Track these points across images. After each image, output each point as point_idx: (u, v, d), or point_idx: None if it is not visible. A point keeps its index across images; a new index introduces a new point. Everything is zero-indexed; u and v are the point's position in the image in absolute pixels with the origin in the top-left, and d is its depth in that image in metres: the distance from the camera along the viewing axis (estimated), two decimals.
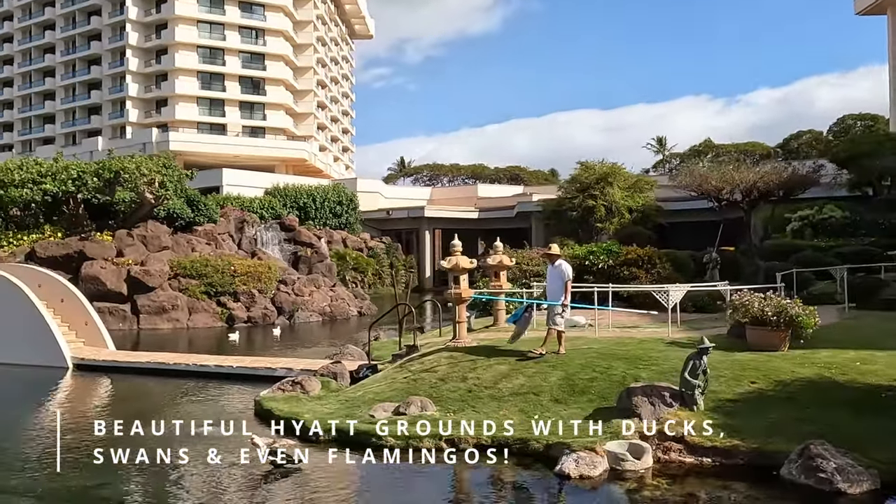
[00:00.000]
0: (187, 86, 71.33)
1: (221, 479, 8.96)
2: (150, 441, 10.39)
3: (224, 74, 72.96)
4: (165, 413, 12.99)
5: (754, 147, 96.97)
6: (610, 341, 13.17)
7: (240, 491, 8.55)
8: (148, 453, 9.79)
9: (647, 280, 21.19)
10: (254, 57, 74.35)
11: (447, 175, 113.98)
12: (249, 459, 9.38)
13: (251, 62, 74.24)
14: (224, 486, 8.74)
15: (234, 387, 15.52)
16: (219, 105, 73.29)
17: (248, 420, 11.97)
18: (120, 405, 14.24)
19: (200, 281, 30.16)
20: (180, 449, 10.04)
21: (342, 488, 8.82)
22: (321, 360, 16.83)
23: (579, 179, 40.67)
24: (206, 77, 72.65)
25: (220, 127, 72.68)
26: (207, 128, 72.24)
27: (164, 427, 10.82)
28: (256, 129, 74.60)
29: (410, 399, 10.78)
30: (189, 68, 71.32)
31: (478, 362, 12.01)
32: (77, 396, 15.64)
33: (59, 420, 12.14)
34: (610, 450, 8.79)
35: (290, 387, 12.52)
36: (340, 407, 11.42)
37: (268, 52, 74.34)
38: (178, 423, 10.98)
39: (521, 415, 10.24)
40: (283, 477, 8.93)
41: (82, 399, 15.31)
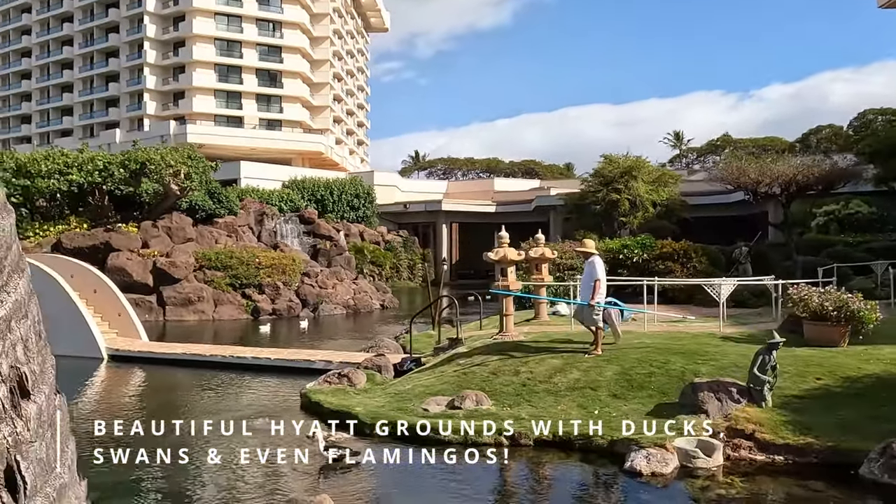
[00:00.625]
0: (205, 78, 71.30)
1: (280, 477, 8.77)
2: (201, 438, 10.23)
3: (241, 67, 72.88)
4: (210, 407, 12.87)
5: (773, 142, 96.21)
6: (660, 336, 12.93)
7: (303, 489, 8.35)
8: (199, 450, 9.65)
9: (682, 274, 20.90)
10: (271, 49, 74.24)
11: (461, 169, 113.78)
12: (307, 455, 9.19)
13: (268, 55, 74.14)
14: (285, 483, 8.55)
15: (272, 379, 15.35)
16: (236, 97, 73.24)
17: (295, 413, 11.81)
18: (160, 397, 14.11)
19: (225, 273, 30.07)
20: (232, 445, 9.88)
21: (406, 484, 8.62)
22: (358, 353, 16.68)
23: (602, 173, 40.29)
24: (223, 69, 72.59)
25: (237, 119, 72.65)
26: (224, 120, 72.21)
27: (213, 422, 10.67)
28: (273, 121, 74.54)
29: (465, 393, 10.58)
30: (206, 61, 71.28)
31: (529, 356, 11.79)
32: (114, 388, 15.53)
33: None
34: (680, 446, 8.56)
35: (336, 379, 12.34)
36: (391, 400, 11.23)
37: (285, 44, 74.23)
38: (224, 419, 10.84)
39: (579, 410, 10.02)
40: (344, 473, 8.74)
41: (121, 391, 15.20)
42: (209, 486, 8.42)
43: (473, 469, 8.96)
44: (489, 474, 8.85)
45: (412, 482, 8.67)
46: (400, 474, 8.87)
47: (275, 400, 13.34)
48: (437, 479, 8.77)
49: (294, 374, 15.56)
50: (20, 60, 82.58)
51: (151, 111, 72.21)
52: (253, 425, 10.81)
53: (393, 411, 10.58)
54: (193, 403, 13.27)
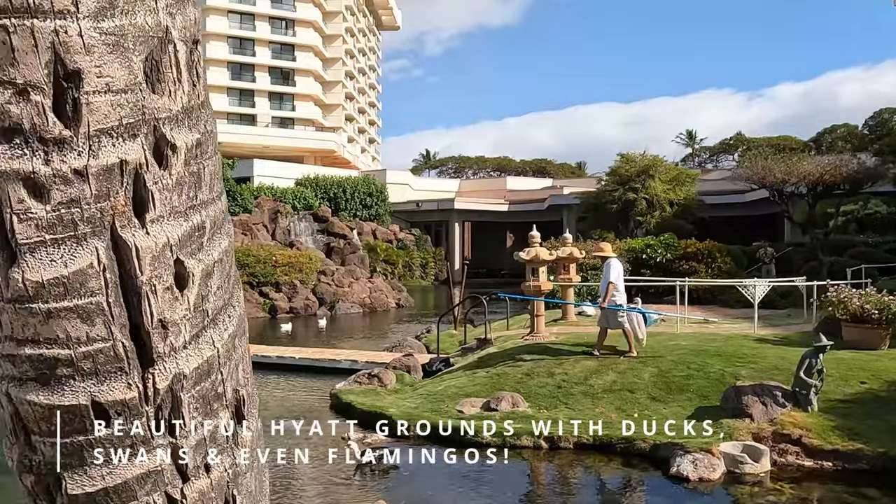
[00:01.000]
0: (217, 76, 71.28)
1: (321, 480, 8.64)
2: None
3: (254, 65, 72.89)
4: None
5: (787, 141, 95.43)
6: (694, 337, 12.74)
7: (351, 494, 8.22)
8: None
9: (706, 275, 20.67)
10: (283, 48, 74.23)
11: (472, 167, 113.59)
12: (347, 456, 9.06)
13: (281, 53, 74.13)
14: (327, 487, 8.42)
15: (297, 379, 15.24)
16: (248, 95, 73.29)
17: (326, 414, 11.70)
18: None
19: (243, 271, 29.97)
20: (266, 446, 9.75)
21: (445, 487, 8.48)
22: (384, 353, 16.58)
23: (619, 172, 40.07)
24: (236, 67, 72.61)
25: (250, 118, 72.67)
26: (237, 118, 72.25)
27: None
28: (285, 119, 74.56)
29: (500, 394, 10.43)
30: (219, 58, 71.29)
31: (562, 357, 11.63)
32: None
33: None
34: (726, 451, 8.39)
35: (366, 379, 12.21)
36: (424, 401, 11.08)
37: (297, 42, 74.19)
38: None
39: (618, 413, 9.85)
40: (382, 476, 8.61)
41: None
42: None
43: (513, 472, 8.84)
44: (529, 478, 8.72)
45: (453, 485, 8.53)
46: (440, 477, 8.73)
47: (303, 400, 13.22)
48: (477, 481, 8.62)
49: (319, 373, 15.46)
50: None
51: None
52: (285, 426, 10.68)
53: (427, 413, 10.45)
54: None
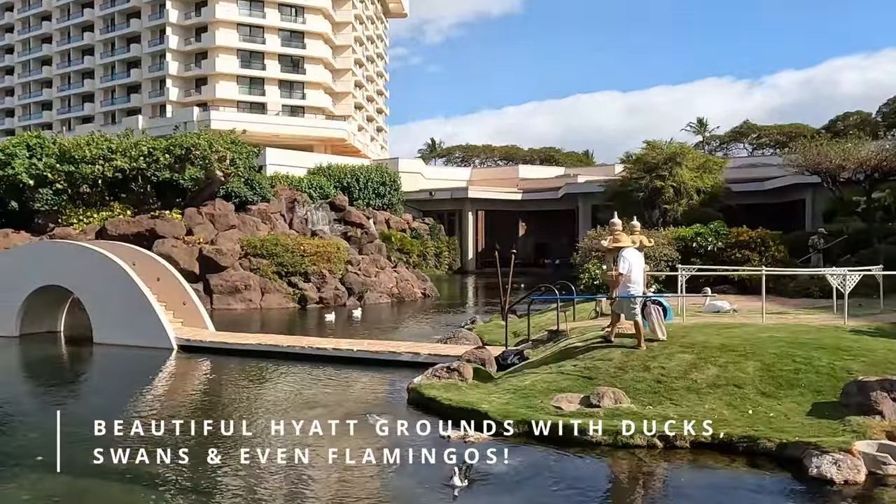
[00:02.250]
0: (227, 64, 70.60)
1: (422, 481, 8.10)
2: (314, 437, 9.56)
3: (264, 53, 72.13)
4: (306, 402, 12.25)
5: (798, 129, 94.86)
6: (784, 329, 12.23)
7: (461, 496, 7.71)
8: (317, 449, 9.01)
9: (760, 263, 20.15)
10: (293, 35, 73.42)
11: (479, 156, 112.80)
12: (440, 456, 8.55)
13: (291, 40, 73.32)
14: (431, 490, 7.90)
15: (356, 372, 14.74)
16: (259, 84, 72.55)
17: (405, 410, 11.21)
18: (250, 392, 13.50)
19: (271, 261, 29.51)
20: (351, 445, 9.25)
21: (564, 490, 7.99)
22: (443, 345, 16.08)
23: (645, 159, 39.47)
24: (245, 55, 71.85)
25: (260, 106, 71.92)
26: (247, 107, 71.49)
27: (319, 419, 10.05)
28: (295, 108, 73.83)
29: (600, 390, 9.94)
30: (229, 46, 70.55)
31: (654, 350, 11.12)
32: (196, 381, 14.96)
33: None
34: (865, 451, 7.90)
35: (445, 373, 11.72)
36: (514, 397, 10.59)
37: (307, 30, 73.39)
38: (329, 416, 10.20)
39: (731, 410, 9.38)
40: (489, 478, 8.09)
41: (204, 385, 14.63)
42: (353, 498, 7.78)
43: (632, 473, 8.34)
44: (653, 480, 8.21)
45: (571, 488, 8.02)
46: (553, 478, 8.23)
47: (373, 395, 12.75)
48: (595, 484, 8.14)
49: (378, 366, 14.98)
50: (41, 47, 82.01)
51: (174, 97, 71.57)
52: (366, 423, 10.18)
53: (522, 409, 9.95)
54: (287, 399, 12.65)
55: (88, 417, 9.94)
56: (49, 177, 28.90)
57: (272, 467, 8.42)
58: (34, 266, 18.80)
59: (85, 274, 18.24)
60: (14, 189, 28.94)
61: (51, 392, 14.06)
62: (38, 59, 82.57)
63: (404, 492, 7.81)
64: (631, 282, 11.38)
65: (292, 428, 9.75)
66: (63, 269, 18.52)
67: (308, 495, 7.78)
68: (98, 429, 9.16)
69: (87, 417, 10.08)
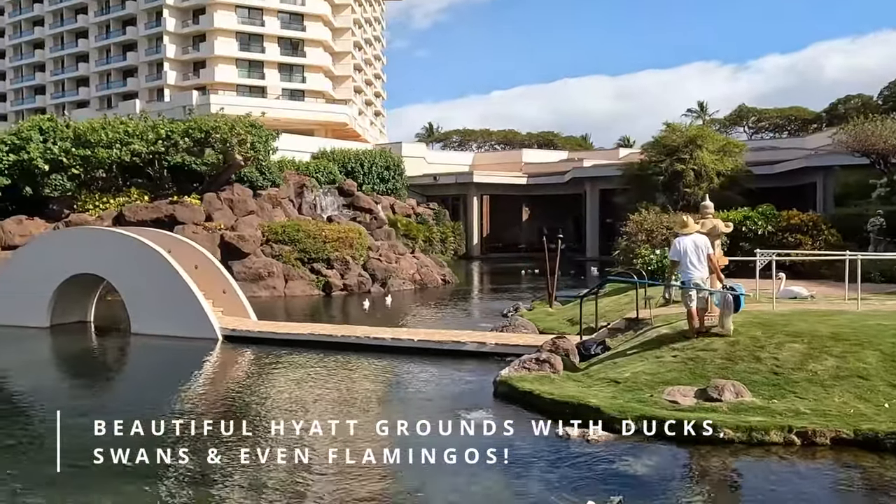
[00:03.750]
0: (226, 47, 69.31)
1: (549, 483, 7.51)
2: (410, 436, 8.92)
3: (263, 35, 70.89)
4: (383, 397, 11.59)
5: (799, 112, 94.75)
6: (883, 316, 11.68)
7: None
8: (416, 449, 8.36)
9: (813, 247, 19.67)
10: (292, 17, 72.18)
11: (476, 140, 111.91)
12: (557, 457, 7.96)
13: (290, 22, 72.09)
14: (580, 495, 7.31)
15: (417, 363, 14.04)
16: (258, 67, 71.34)
17: (491, 403, 10.62)
18: (318, 386, 12.79)
19: (293, 247, 28.76)
20: (456, 446, 8.63)
21: (711, 494, 7.41)
22: (505, 333, 15.47)
23: (664, 142, 38.87)
24: (244, 38, 70.59)
25: (259, 90, 70.73)
26: (246, 90, 70.28)
27: (414, 417, 9.43)
28: (295, 91, 72.71)
29: (718, 383, 9.36)
30: (228, 28, 69.24)
31: (760, 340, 10.55)
32: (251, 374, 14.28)
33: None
34: None
35: (535, 365, 11.10)
36: (617, 390, 10.00)
37: (307, 11, 72.17)
38: (418, 412, 9.57)
39: (864, 403, 8.82)
40: (632, 480, 7.51)
41: (263, 378, 13.94)
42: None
43: (778, 474, 7.75)
44: (807, 483, 7.61)
45: (714, 490, 7.45)
46: (691, 479, 7.67)
47: (451, 388, 12.09)
48: (744, 487, 7.56)
49: (441, 356, 14.33)
50: (32, 30, 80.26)
51: (172, 81, 70.26)
52: (468, 420, 9.55)
53: (633, 403, 9.36)
54: (358, 392, 11.95)
55: (166, 415, 9.29)
56: (65, 161, 27.93)
57: (398, 469, 7.81)
58: (67, 253, 18.01)
59: (122, 262, 17.46)
60: (28, 174, 27.97)
61: (102, 387, 13.37)
62: (30, 42, 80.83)
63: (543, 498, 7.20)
64: (686, 268, 11.07)
65: (394, 426, 9.13)
66: (98, 256, 17.74)
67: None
68: (180, 428, 8.51)
69: (165, 414, 9.42)
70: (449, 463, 7.88)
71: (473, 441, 8.72)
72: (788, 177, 53.25)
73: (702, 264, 11.17)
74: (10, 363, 15.58)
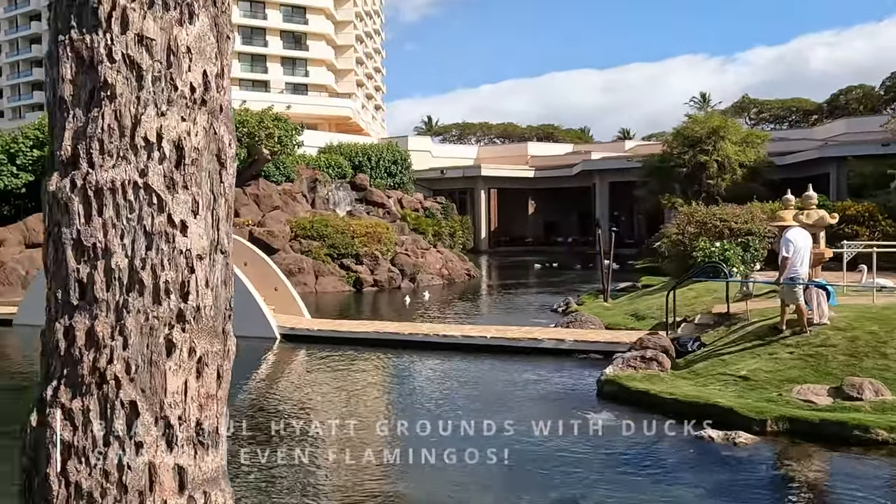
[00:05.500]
0: None
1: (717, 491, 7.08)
2: (546, 437, 8.51)
3: (265, 29, 70.06)
4: (486, 398, 11.08)
5: (800, 103, 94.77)
6: None
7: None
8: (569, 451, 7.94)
9: (870, 238, 19.31)
10: (295, 10, 71.36)
11: (475, 134, 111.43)
12: (717, 463, 7.52)
13: (292, 15, 71.26)
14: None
15: (488, 361, 13.55)
16: (261, 61, 70.53)
17: (596, 403, 10.20)
18: (406, 386, 12.31)
19: (322, 242, 28.21)
20: (599, 450, 8.21)
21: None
22: (581, 330, 15.03)
23: (686, 134, 38.49)
24: (247, 31, 69.70)
25: (263, 84, 69.93)
26: (250, 84, 69.45)
27: (529, 419, 9.00)
28: (298, 85, 71.90)
29: (854, 381, 8.96)
30: None
31: (880, 335, 10.15)
32: (331, 375, 13.78)
33: None
34: None
35: (641, 363, 10.68)
36: (740, 389, 9.59)
37: (309, 4, 71.33)
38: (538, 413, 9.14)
39: None
40: (809, 488, 7.09)
41: (346, 378, 13.45)
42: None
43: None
44: None
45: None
46: (856, 487, 7.26)
47: (547, 387, 11.63)
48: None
49: (515, 354, 13.87)
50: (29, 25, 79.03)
51: None
52: (596, 422, 9.12)
53: (763, 403, 8.96)
54: (459, 393, 11.39)
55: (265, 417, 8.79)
56: None
57: (565, 477, 7.36)
58: None
59: None
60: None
61: None
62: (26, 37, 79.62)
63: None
64: (796, 265, 10.65)
65: (528, 428, 8.70)
66: None
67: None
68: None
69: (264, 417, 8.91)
70: (618, 472, 7.45)
71: (612, 444, 8.31)
72: (799, 168, 53.04)
73: (807, 260, 10.87)
74: None
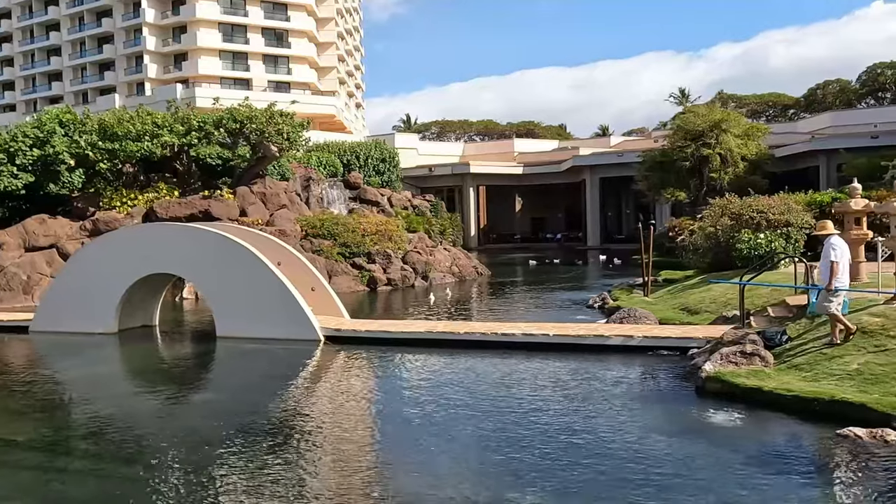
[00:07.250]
0: (209, 38, 67.07)
1: None
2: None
3: (247, 26, 68.81)
4: (594, 398, 10.48)
5: (778, 97, 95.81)
6: None
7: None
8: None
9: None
10: (276, 6, 70.17)
11: (455, 132, 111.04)
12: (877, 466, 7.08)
13: (274, 12, 70.07)
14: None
15: (552, 360, 12.93)
16: (242, 59, 69.26)
17: (696, 400, 9.74)
18: (492, 392, 11.66)
19: (333, 241, 27.49)
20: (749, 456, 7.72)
21: None
22: (650, 326, 14.56)
23: (687, 127, 38.36)
24: (227, 29, 68.41)
25: (244, 82, 68.64)
26: (231, 83, 68.11)
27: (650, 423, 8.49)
28: (281, 83, 70.72)
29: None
30: (210, 19, 66.97)
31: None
32: (400, 381, 13.11)
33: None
34: None
35: (742, 358, 10.22)
36: (859, 383, 9.16)
37: (290, 1, 70.17)
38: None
39: None
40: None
41: (421, 384, 12.81)
42: None
43: None
44: None
45: None
46: None
47: (633, 385, 11.11)
48: None
49: (578, 352, 13.32)
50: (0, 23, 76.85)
51: (152, 74, 67.80)
52: (719, 423, 8.64)
53: (893, 397, 8.54)
54: (547, 394, 10.76)
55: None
56: (91, 156, 26.05)
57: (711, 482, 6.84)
58: (139, 252, 16.48)
59: (203, 259, 16.07)
60: (50, 170, 25.98)
61: (240, 402, 12.10)
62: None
63: None
64: (841, 272, 10.49)
65: (644, 433, 8.18)
66: (175, 254, 16.30)
67: None
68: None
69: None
70: (778, 476, 6.95)
71: (750, 447, 7.83)
72: (789, 161, 53.43)
73: (848, 269, 10.90)
74: (113, 373, 14.16)
